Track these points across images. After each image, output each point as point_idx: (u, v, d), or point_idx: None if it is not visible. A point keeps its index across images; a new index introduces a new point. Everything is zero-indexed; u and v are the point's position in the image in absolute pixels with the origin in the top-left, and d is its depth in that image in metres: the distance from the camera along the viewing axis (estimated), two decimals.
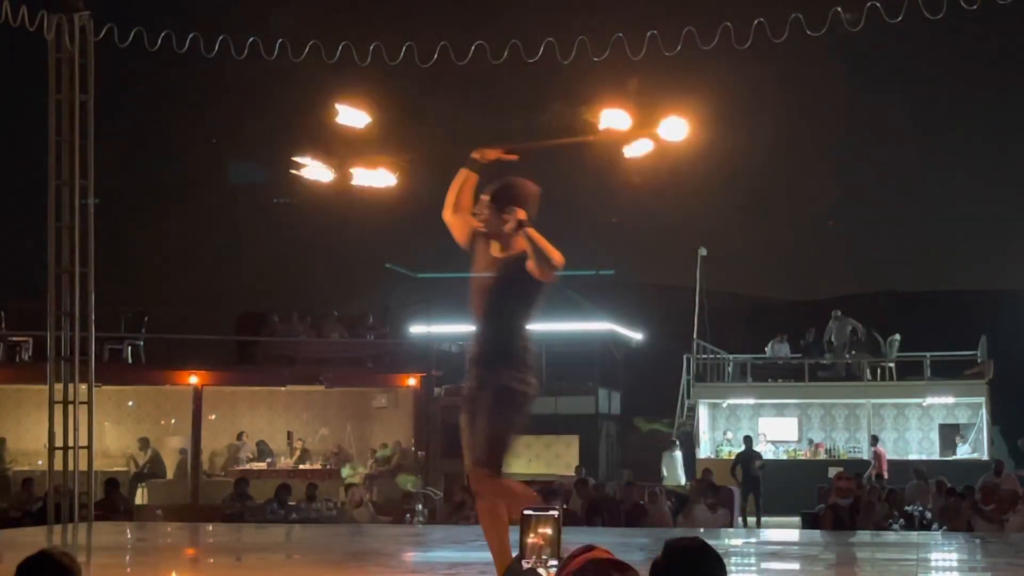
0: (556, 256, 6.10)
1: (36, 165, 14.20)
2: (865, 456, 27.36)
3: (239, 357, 24.56)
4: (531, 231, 6.06)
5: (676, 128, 6.97)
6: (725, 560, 3.22)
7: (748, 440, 25.53)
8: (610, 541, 11.25)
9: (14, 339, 22.16)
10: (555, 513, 2.83)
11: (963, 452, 27.32)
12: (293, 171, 7.60)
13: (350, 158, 7.46)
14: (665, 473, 25.79)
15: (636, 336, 33.49)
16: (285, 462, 23.13)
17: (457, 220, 6.52)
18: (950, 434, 27.95)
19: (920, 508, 17.24)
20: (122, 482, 20.09)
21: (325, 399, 24.09)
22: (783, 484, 24.75)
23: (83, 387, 13.12)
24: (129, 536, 12.85)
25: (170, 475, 22.74)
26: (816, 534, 14.16)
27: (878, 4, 11.93)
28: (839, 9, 12.14)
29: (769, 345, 29.59)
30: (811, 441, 28.52)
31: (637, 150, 7.02)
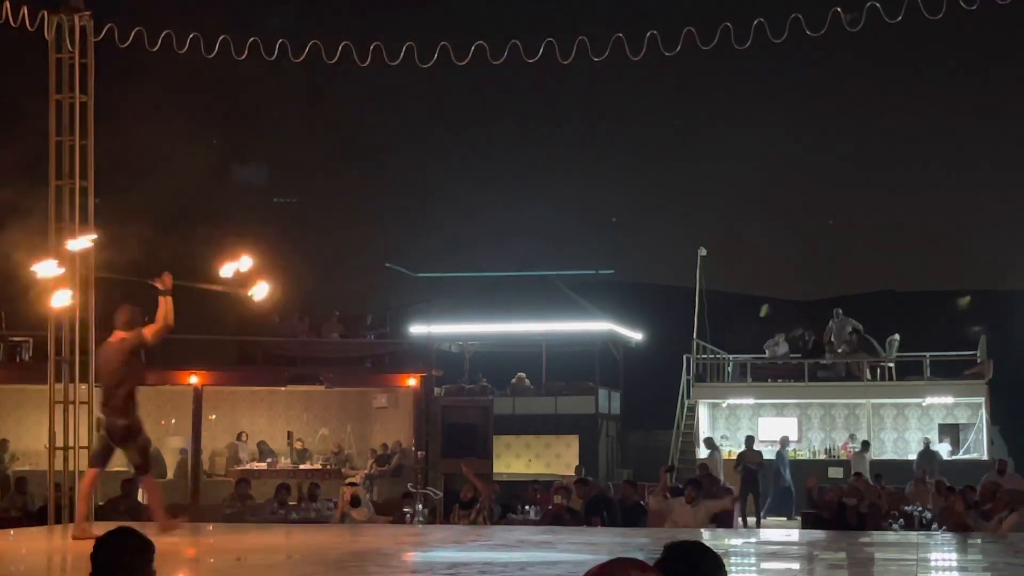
0: None
1: (36, 165, 14.19)
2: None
3: (239, 357, 24.53)
4: None
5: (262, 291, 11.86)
6: (725, 560, 3.22)
7: (749, 440, 25.53)
8: (610, 541, 11.26)
9: (14, 339, 22.14)
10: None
11: (949, 453, 27.30)
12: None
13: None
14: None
15: (636, 336, 33.47)
16: (285, 462, 23.13)
17: None
18: (950, 434, 27.96)
19: (920, 508, 17.26)
20: (122, 482, 20.06)
21: (325, 399, 24.08)
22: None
23: (83, 387, 13.12)
24: None
25: (170, 475, 22.72)
26: (816, 534, 14.16)
27: (878, 4, 11.93)
28: (839, 9, 12.15)
29: (768, 345, 29.59)
30: (810, 440, 28.52)
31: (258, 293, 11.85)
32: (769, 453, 26.26)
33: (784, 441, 26.43)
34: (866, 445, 25.80)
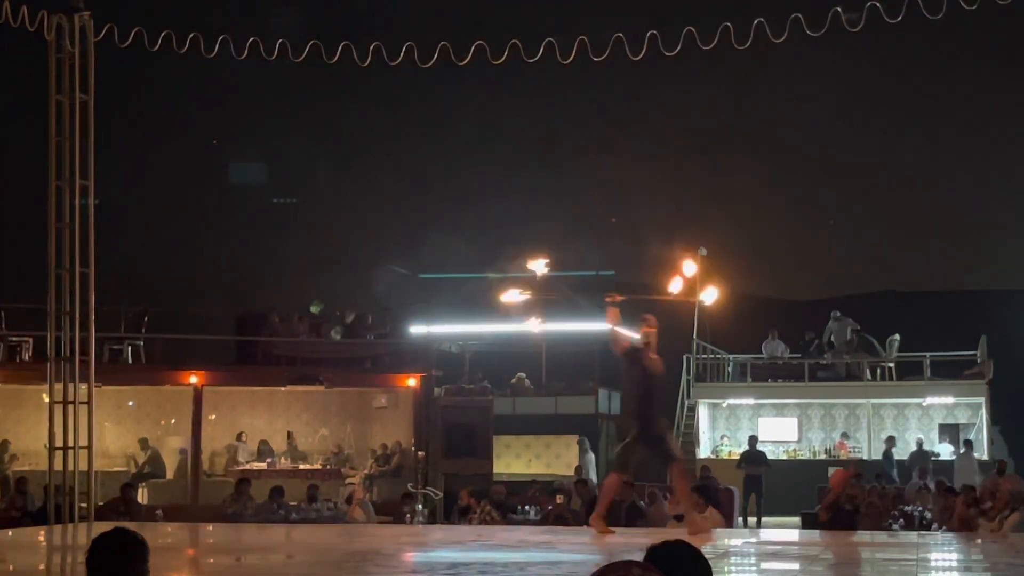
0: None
1: (36, 165, 14.21)
2: (865, 456, 27.33)
3: (239, 357, 24.51)
4: None
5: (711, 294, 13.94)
6: (725, 560, 3.22)
7: (752, 440, 25.52)
8: (610, 541, 11.25)
9: (14, 339, 22.12)
10: None
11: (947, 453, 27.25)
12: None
13: None
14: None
15: (636, 336, 33.41)
16: (285, 462, 23.13)
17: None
18: (950, 434, 27.94)
19: (920, 508, 17.24)
20: (121, 482, 20.09)
21: (325, 399, 24.07)
22: (783, 484, 24.76)
23: (83, 387, 13.12)
24: None
25: (170, 475, 22.71)
26: (816, 534, 14.16)
27: (878, 4, 11.94)
28: (839, 9, 12.16)
29: (764, 343, 29.57)
30: (813, 440, 28.50)
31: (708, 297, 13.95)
32: (771, 454, 26.21)
33: (891, 441, 26.26)
34: (969, 444, 25.41)
